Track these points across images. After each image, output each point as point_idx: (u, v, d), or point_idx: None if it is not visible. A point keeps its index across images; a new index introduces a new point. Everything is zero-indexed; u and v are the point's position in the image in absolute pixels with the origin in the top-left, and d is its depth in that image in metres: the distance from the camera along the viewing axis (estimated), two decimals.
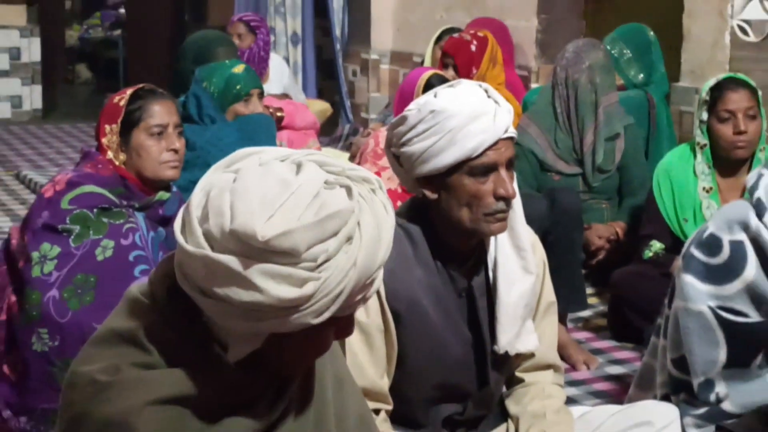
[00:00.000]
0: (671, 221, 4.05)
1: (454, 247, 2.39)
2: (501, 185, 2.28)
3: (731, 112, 3.88)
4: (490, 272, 2.42)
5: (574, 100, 4.55)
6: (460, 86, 2.32)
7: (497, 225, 2.31)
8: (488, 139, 2.25)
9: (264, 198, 1.43)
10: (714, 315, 2.58)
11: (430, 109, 2.26)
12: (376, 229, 1.48)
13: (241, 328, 1.48)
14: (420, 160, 2.28)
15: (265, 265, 1.41)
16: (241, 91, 4.32)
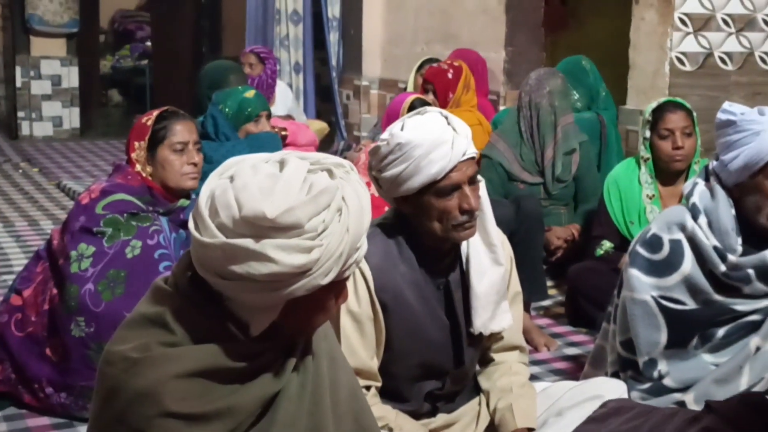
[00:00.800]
0: (619, 224, 4.05)
1: (432, 249, 2.39)
2: (465, 201, 2.27)
3: (670, 130, 3.88)
4: (464, 268, 2.42)
5: (537, 121, 4.54)
6: (426, 116, 2.30)
7: (465, 233, 2.32)
8: (449, 164, 2.24)
9: (261, 188, 1.46)
10: (656, 303, 2.59)
11: (396, 142, 2.25)
12: (358, 200, 1.52)
13: (261, 301, 1.49)
14: (394, 184, 2.28)
15: (275, 240, 1.43)
16: (252, 113, 4.33)
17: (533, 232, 4.04)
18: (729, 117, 2.51)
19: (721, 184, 2.55)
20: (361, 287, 2.33)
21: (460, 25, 6.55)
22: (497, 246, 2.43)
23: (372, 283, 2.33)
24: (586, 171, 4.62)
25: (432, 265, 2.40)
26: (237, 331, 1.53)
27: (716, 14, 5.05)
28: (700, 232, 2.55)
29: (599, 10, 6.96)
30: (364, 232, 1.53)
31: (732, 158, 2.49)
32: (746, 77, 5.17)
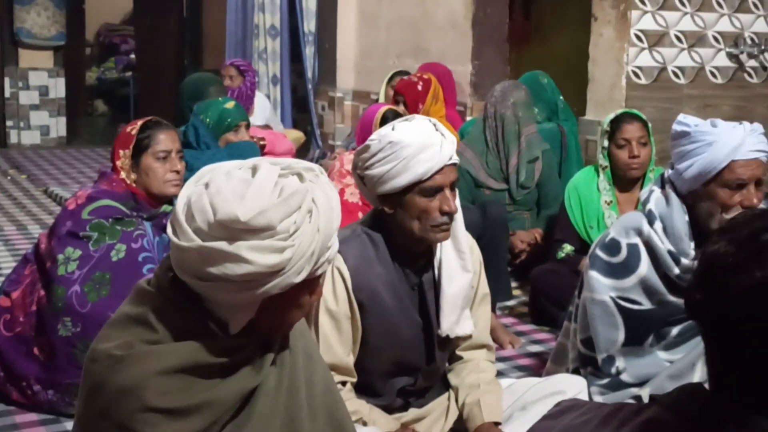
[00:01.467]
0: (579, 228, 4.06)
1: (408, 251, 2.39)
2: (446, 203, 2.28)
3: (627, 140, 3.90)
4: (436, 270, 2.42)
5: (502, 130, 4.55)
6: (414, 121, 2.31)
7: (442, 234, 2.32)
8: (435, 166, 2.25)
9: (235, 192, 1.45)
10: (614, 303, 2.60)
11: (388, 140, 2.25)
12: (328, 201, 1.51)
13: (238, 300, 1.48)
14: (380, 182, 2.27)
15: (249, 241, 1.43)
16: (232, 123, 4.32)
17: (499, 235, 4.04)
18: (684, 128, 2.52)
19: (675, 191, 2.56)
20: (339, 287, 2.32)
21: (429, 40, 6.56)
22: (466, 253, 2.43)
23: (350, 282, 2.33)
24: (548, 178, 4.64)
25: (407, 267, 2.40)
26: (216, 328, 1.52)
27: (670, 31, 5.09)
28: (656, 237, 2.56)
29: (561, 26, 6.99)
30: (334, 232, 1.52)
31: (686, 167, 2.50)
32: (697, 90, 5.21)
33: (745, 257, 1.02)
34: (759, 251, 1.01)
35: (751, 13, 5.27)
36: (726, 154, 2.45)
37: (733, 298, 1.02)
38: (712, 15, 5.17)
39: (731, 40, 5.24)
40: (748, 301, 1.00)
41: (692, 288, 1.09)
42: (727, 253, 1.04)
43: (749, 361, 1.01)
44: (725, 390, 1.04)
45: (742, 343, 1.01)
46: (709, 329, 1.06)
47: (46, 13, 9.24)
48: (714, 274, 1.04)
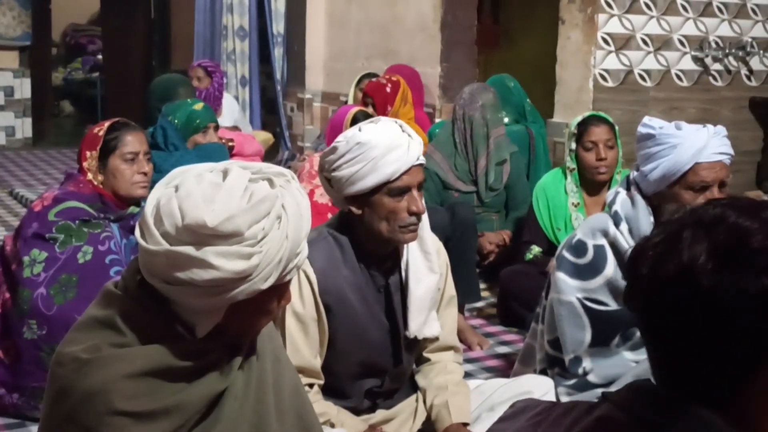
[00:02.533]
0: (547, 230, 4.08)
1: (374, 252, 2.40)
2: (413, 203, 2.29)
3: (594, 142, 3.92)
4: (403, 272, 2.43)
5: (470, 132, 4.57)
6: (381, 122, 2.32)
7: (410, 235, 2.33)
8: (403, 166, 2.26)
9: (204, 197, 1.45)
10: (581, 304, 2.61)
11: (356, 141, 2.25)
12: (297, 208, 1.51)
13: (204, 305, 1.48)
14: (348, 183, 2.28)
15: (216, 247, 1.42)
16: (200, 124, 4.30)
17: (467, 237, 4.05)
18: (649, 131, 2.55)
19: (641, 193, 2.58)
20: (305, 290, 2.32)
21: (398, 42, 6.57)
22: (432, 254, 2.44)
23: (316, 285, 2.33)
24: (516, 180, 4.66)
25: (373, 269, 2.40)
26: (184, 331, 1.51)
27: (636, 34, 5.13)
28: (622, 238, 2.58)
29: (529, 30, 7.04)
30: (303, 239, 1.52)
31: (651, 169, 2.53)
32: (663, 93, 5.26)
33: (668, 247, 1.05)
34: (679, 240, 1.04)
35: (716, 17, 5.34)
36: (690, 156, 2.48)
37: (656, 287, 1.04)
38: (677, 19, 5.23)
39: (696, 44, 5.30)
40: (671, 290, 1.03)
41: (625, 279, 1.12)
42: (654, 243, 1.07)
43: (684, 352, 1.03)
44: (668, 384, 1.05)
45: (674, 333, 1.03)
46: (643, 321, 1.08)
47: (12, 13, 9.15)
48: (639, 263, 1.07)
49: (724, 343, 1.00)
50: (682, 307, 1.02)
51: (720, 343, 1.00)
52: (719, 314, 0.99)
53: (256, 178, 1.51)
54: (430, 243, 2.44)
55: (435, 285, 2.45)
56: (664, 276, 1.03)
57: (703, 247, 1.02)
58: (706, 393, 1.02)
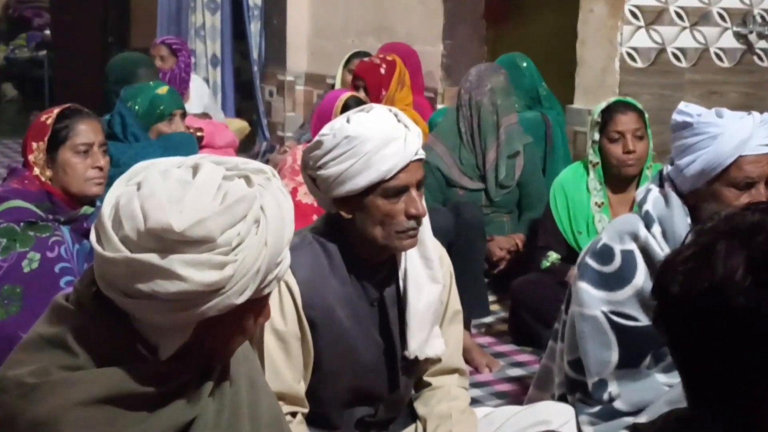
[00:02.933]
0: (566, 233, 4.09)
1: (367, 261, 2.40)
2: (412, 205, 2.29)
3: (621, 133, 3.93)
4: (401, 282, 2.43)
5: (477, 121, 4.57)
6: (373, 111, 2.32)
7: (408, 241, 2.33)
8: (400, 162, 2.26)
9: (171, 197, 1.44)
10: (607, 319, 2.61)
11: (344, 135, 2.25)
12: (279, 210, 1.51)
13: (170, 322, 1.48)
14: (336, 183, 2.28)
15: (184, 255, 1.42)
16: (165, 111, 4.30)
17: (474, 242, 4.06)
18: (685, 118, 2.55)
19: (676, 190, 2.58)
20: (287, 303, 2.32)
21: (394, 17, 6.57)
22: (434, 261, 2.45)
23: (299, 298, 2.33)
24: (530, 176, 4.67)
25: (366, 279, 2.40)
26: (146, 352, 1.51)
27: (669, 7, 5.14)
28: (654, 242, 2.58)
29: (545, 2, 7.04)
30: (285, 246, 1.52)
31: (688, 163, 2.53)
32: (701, 75, 5.27)
33: (700, 262, 1.06)
34: (712, 253, 1.05)
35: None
36: (733, 148, 2.48)
37: (687, 307, 1.06)
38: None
39: (739, 18, 5.31)
40: (704, 309, 1.04)
41: (653, 296, 1.13)
42: (684, 258, 1.08)
43: (720, 378, 1.04)
44: (703, 412, 1.06)
45: (708, 357, 1.04)
46: (673, 343, 1.09)
47: None
48: (668, 280, 1.08)
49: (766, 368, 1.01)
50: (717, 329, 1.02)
51: (761, 367, 1.01)
52: (759, 336, 1.00)
53: (231, 175, 1.50)
54: (431, 249, 2.44)
55: (437, 297, 2.45)
56: (696, 294, 1.04)
57: (739, 260, 1.03)
58: (745, 423, 1.03)
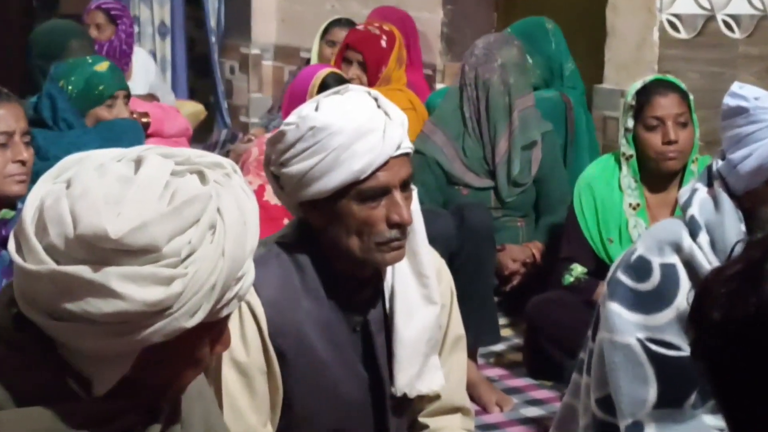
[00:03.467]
0: (594, 241, 4.09)
1: (347, 276, 2.39)
2: (395, 210, 2.28)
3: (660, 119, 3.93)
4: (387, 303, 2.43)
5: (485, 103, 4.57)
6: (347, 95, 2.32)
7: (392, 254, 2.32)
8: (377, 159, 2.25)
9: (107, 197, 1.44)
10: (643, 348, 2.61)
11: (309, 126, 2.25)
12: (239, 213, 1.51)
13: (105, 349, 1.47)
14: (301, 183, 2.28)
15: (122, 267, 1.41)
16: (105, 92, 4.29)
17: (481, 252, 4.05)
18: (739, 102, 2.55)
19: (727, 190, 2.58)
20: (249, 329, 2.32)
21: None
22: (431, 278, 2.44)
23: (265, 323, 2.32)
24: (550, 171, 4.67)
25: (346, 299, 2.40)
26: (78, 387, 1.51)
27: None
28: (701, 255, 2.58)
29: None
30: (247, 257, 1.52)
31: (743, 157, 2.53)
32: (758, 48, 5.27)
33: (746, 282, 1.09)
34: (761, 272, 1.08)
35: None
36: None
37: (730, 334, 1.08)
38: None
39: None
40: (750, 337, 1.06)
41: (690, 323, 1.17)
42: (727, 277, 1.11)
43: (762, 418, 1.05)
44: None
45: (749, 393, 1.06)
46: (714, 379, 1.11)
47: None
48: (707, 305, 1.11)
49: None
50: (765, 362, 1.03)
51: None
52: None
53: (182, 170, 1.50)
54: (427, 262, 2.43)
55: (434, 321, 2.45)
56: (741, 322, 1.06)
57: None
58: None
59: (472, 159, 4.60)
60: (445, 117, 4.68)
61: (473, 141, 4.61)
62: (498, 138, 4.57)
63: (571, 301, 4.00)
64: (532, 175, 4.64)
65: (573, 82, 5.18)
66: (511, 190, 4.62)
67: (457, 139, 4.61)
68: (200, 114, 7.05)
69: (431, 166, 4.54)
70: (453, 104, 4.68)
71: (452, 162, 4.59)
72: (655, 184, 4.05)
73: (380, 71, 5.18)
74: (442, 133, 4.62)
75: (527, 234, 4.67)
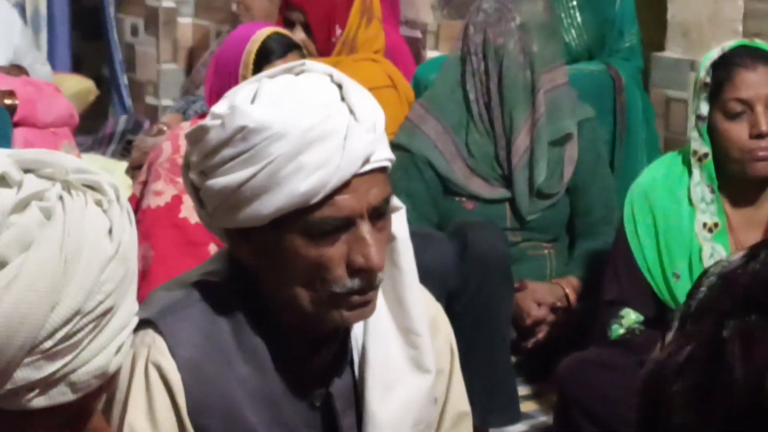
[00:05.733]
0: (654, 277, 4.08)
1: (299, 330, 2.39)
2: (359, 250, 2.25)
3: (746, 102, 3.93)
4: (357, 369, 2.43)
5: (498, 80, 4.60)
6: (301, 78, 2.30)
7: (354, 313, 2.30)
8: (333, 178, 2.22)
9: None
10: None
11: (238, 125, 2.21)
12: (59, 255, 1.50)
13: None
14: (227, 205, 2.26)
15: None
16: None
17: (491, 293, 4.07)
18: None
19: None
20: (160, 405, 2.32)
21: None
22: (421, 335, 2.44)
23: (182, 396, 2.32)
24: (590, 177, 4.71)
25: (299, 364, 2.40)
26: None
27: None
28: None
29: None
30: (59, 319, 1.52)
31: None
32: None
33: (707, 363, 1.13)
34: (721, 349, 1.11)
35: None
36: None
37: None
38: None
39: None
40: None
41: None
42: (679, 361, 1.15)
43: None
44: None
45: None
46: None
47: None
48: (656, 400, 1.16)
49: None
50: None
51: None
52: None
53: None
54: (417, 312, 2.44)
55: (425, 395, 2.46)
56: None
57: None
58: None
59: (479, 159, 4.62)
60: (441, 99, 4.71)
61: (480, 133, 4.63)
62: (516, 129, 4.60)
63: (620, 362, 4.00)
64: (564, 182, 4.66)
65: (628, 55, 5.19)
66: (534, 204, 4.64)
67: (458, 130, 4.63)
68: (89, 93, 7.05)
69: (421, 170, 4.55)
70: (452, 81, 4.70)
71: (451, 163, 4.60)
72: (739, 196, 4.05)
73: (333, 33, 5.17)
74: (437, 122, 4.63)
75: (557, 266, 4.70)
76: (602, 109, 4.94)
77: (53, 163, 1.56)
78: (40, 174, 1.53)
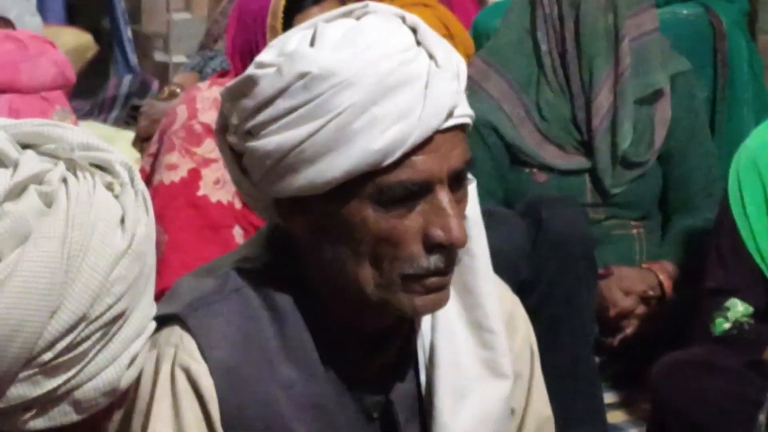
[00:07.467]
0: (766, 261, 4.09)
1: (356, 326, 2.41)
2: (439, 222, 2.25)
3: None
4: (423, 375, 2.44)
5: (574, 26, 4.61)
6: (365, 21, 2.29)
7: (428, 299, 2.31)
8: (414, 134, 2.22)
9: None
10: None
11: (300, 71, 2.21)
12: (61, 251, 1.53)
13: None
14: (282, 168, 2.26)
15: None
16: None
17: (570, 281, 4.08)
18: None
19: None
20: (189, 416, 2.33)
21: None
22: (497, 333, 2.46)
23: (215, 404, 2.34)
24: (687, 141, 4.72)
25: (354, 366, 2.42)
26: None
27: None
28: None
29: None
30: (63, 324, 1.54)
31: None
32: None
33: None
34: None
35: None
36: None
37: None
38: None
39: None
40: None
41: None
42: None
43: None
44: None
45: None
46: None
47: None
48: None
49: None
50: None
51: None
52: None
53: None
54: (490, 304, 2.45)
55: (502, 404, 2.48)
56: None
57: None
58: None
59: (553, 122, 4.64)
60: (506, 51, 4.73)
61: (554, 92, 4.65)
62: (596, 86, 4.61)
63: (725, 362, 4.00)
64: (655, 149, 4.68)
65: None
66: (619, 175, 4.66)
67: (527, 88, 4.65)
68: (87, 50, 7.09)
69: (483, 136, 4.57)
70: (519, 29, 4.72)
71: (519, 128, 4.63)
72: None
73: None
74: (502, 79, 4.65)
75: (649, 248, 4.71)
76: (700, 60, 4.94)
77: (56, 137, 1.56)
78: (40, 151, 1.53)
